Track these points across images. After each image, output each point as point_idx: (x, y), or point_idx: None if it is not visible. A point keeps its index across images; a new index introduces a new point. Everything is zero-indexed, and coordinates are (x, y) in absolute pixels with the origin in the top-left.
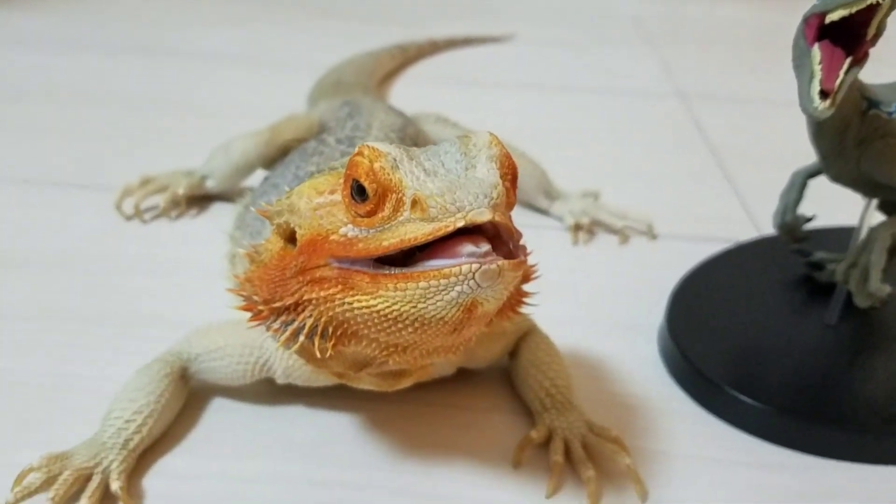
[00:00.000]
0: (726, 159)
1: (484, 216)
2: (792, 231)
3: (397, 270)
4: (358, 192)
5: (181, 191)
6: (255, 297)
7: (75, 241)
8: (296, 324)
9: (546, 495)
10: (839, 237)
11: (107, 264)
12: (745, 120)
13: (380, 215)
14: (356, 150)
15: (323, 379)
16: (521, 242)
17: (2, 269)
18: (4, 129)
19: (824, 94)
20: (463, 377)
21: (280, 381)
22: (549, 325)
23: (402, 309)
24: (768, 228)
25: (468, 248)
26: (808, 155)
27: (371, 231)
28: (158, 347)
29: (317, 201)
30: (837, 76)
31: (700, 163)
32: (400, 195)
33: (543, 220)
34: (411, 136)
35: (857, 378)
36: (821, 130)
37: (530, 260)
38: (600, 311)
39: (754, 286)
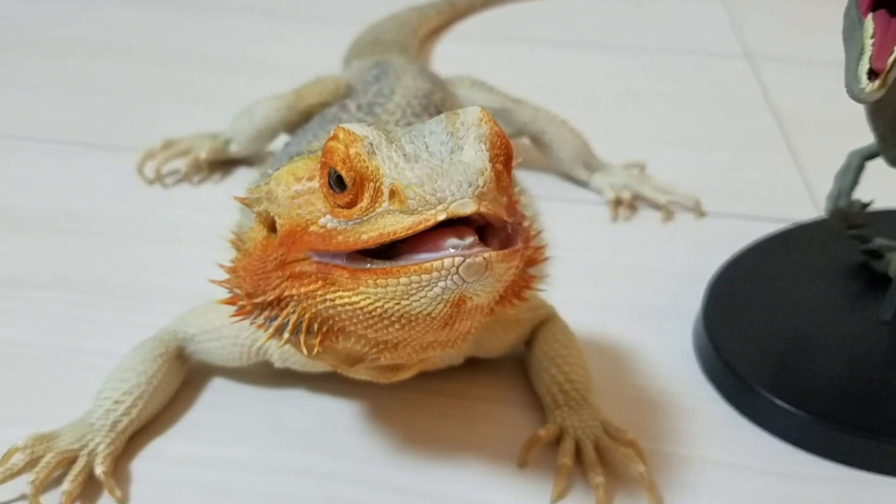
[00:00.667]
0: (792, 130)
1: (467, 208)
2: (845, 218)
3: (377, 265)
4: (336, 181)
5: (203, 155)
6: (238, 290)
7: (94, 204)
8: (279, 320)
9: (551, 500)
10: None
11: (124, 230)
12: (817, 86)
13: (359, 206)
14: (332, 133)
15: (320, 365)
16: (526, 224)
17: (18, 231)
18: (29, 87)
19: (874, 74)
20: (475, 366)
21: (277, 365)
22: (575, 308)
23: (386, 306)
24: None
25: (451, 240)
26: None
27: (350, 223)
28: (166, 323)
29: (294, 189)
30: (891, 52)
31: (762, 132)
32: (377, 184)
33: (581, 194)
34: (437, 103)
35: None
36: (878, 110)
37: (544, 239)
38: (634, 295)
39: (806, 274)
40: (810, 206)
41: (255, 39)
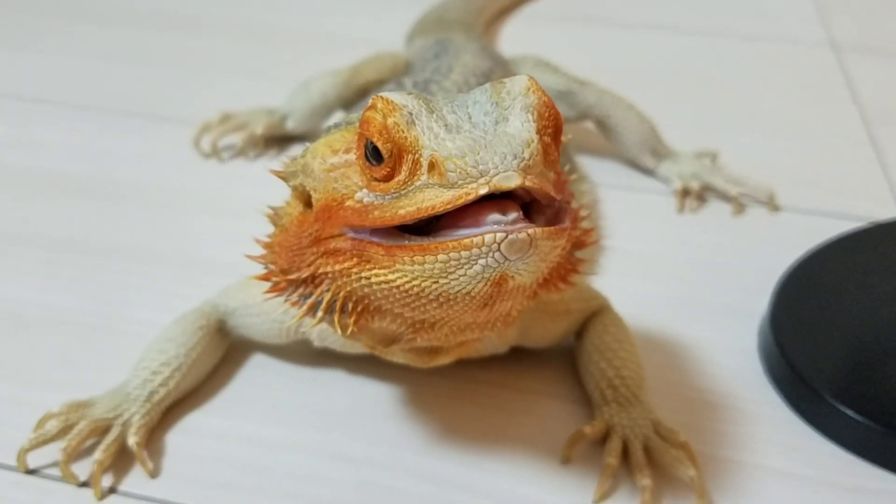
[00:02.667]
0: (876, 124)
1: (511, 181)
2: None
3: (414, 241)
4: (373, 153)
5: (259, 130)
6: (272, 266)
7: (150, 175)
8: (313, 297)
9: (593, 500)
10: None
11: (177, 202)
12: None
13: (396, 179)
14: (370, 102)
15: (358, 346)
16: (575, 205)
17: (73, 197)
18: (92, 57)
19: None
20: (521, 356)
21: (316, 343)
22: (632, 301)
23: (423, 284)
24: None
25: (493, 216)
26: None
27: (387, 197)
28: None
29: (331, 161)
30: None
31: (844, 126)
32: (416, 156)
33: (646, 182)
34: None
35: None
36: None
37: (595, 222)
38: (697, 290)
39: (883, 276)
40: (892, 205)
41: (320, 14)
